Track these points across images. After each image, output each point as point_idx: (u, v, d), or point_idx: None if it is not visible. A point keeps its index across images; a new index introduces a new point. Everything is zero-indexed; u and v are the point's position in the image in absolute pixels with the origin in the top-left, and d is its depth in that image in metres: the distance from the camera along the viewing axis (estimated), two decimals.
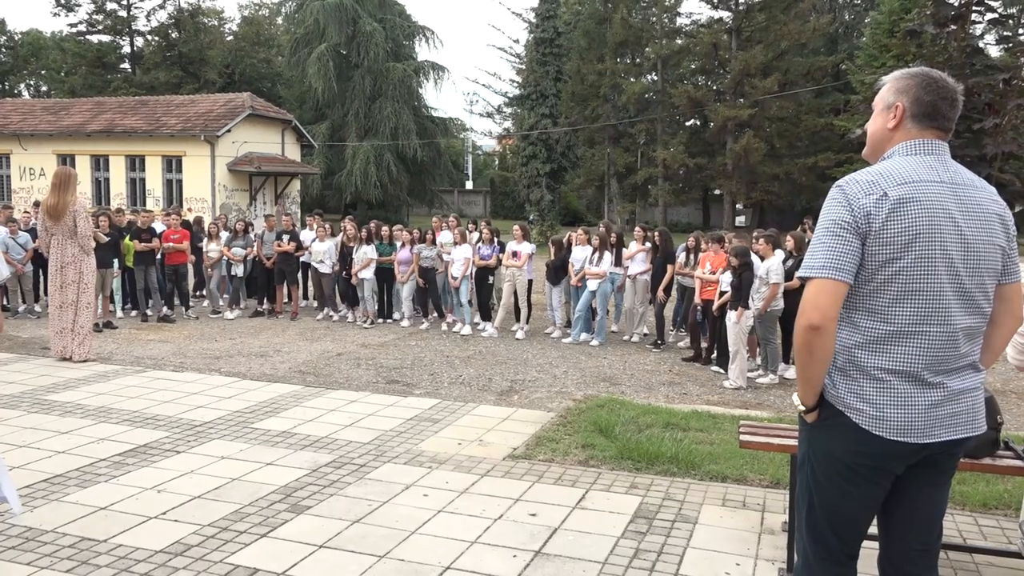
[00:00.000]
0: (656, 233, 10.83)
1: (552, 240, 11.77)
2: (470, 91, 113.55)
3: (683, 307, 10.69)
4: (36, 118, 27.57)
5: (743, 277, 8.21)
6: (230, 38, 48.92)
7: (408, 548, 4.03)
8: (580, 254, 10.77)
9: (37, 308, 12.04)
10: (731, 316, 8.31)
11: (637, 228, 11.20)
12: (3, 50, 54.37)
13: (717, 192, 36.87)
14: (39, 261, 11.58)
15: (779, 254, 8.76)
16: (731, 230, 16.64)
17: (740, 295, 8.22)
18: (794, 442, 4.00)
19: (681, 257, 10.47)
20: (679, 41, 34.43)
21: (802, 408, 2.44)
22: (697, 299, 9.48)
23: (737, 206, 35.12)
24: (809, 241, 3.10)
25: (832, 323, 2.29)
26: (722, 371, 8.83)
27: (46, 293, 10.28)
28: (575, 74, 33.28)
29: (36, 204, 13.17)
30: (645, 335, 11.08)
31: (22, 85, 54.88)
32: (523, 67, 40.81)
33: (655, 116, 34.06)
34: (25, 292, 12.07)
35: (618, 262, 10.72)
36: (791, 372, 8.85)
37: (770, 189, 31.47)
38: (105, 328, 10.69)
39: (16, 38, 54.64)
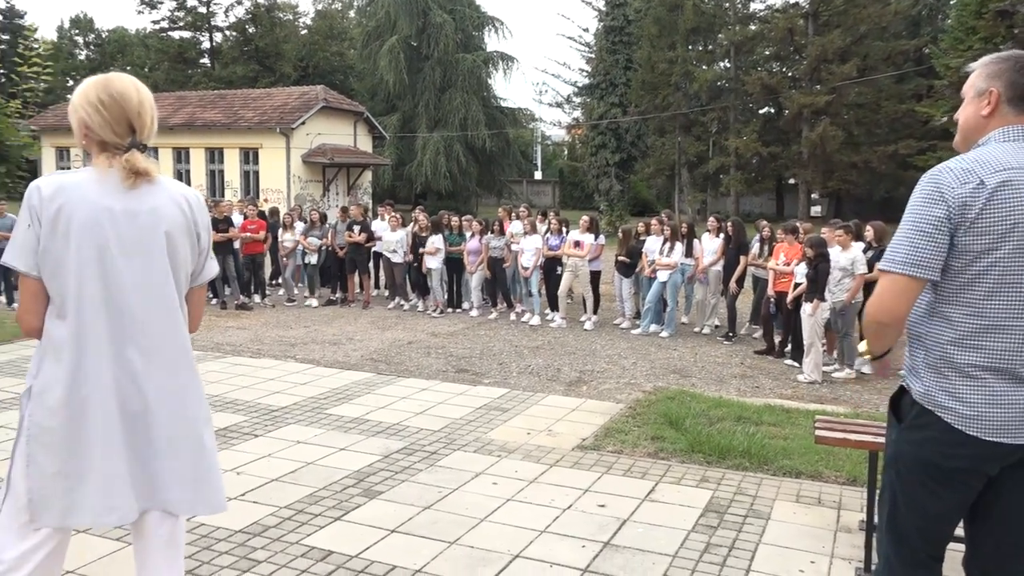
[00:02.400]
0: (729, 223, 10.63)
1: (622, 231, 11.68)
2: (539, 81, 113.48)
3: (756, 299, 10.49)
4: None
5: (819, 268, 8.01)
6: (304, 32, 49.90)
7: (478, 535, 4.08)
8: (653, 245, 10.67)
9: None
10: (806, 308, 8.12)
11: (711, 219, 11.02)
12: (91, 48, 56.72)
13: (792, 181, 35.98)
14: None
15: (860, 245, 8.52)
16: (806, 220, 16.23)
17: (816, 287, 8.02)
18: (872, 438, 3.90)
19: (755, 248, 10.27)
20: (753, 27, 33.62)
21: (868, 355, 2.44)
22: (770, 291, 9.29)
23: (813, 196, 34.21)
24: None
25: (901, 321, 2.26)
26: (796, 364, 8.64)
27: None
28: (645, 62, 32.84)
29: None
30: (716, 327, 10.92)
31: None
32: (592, 56, 40.47)
33: (727, 104, 33.39)
34: None
35: (689, 253, 10.58)
36: (869, 367, 8.60)
37: (847, 178, 30.55)
38: None
39: (103, 36, 56.91)
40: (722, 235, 10.57)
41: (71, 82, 53.27)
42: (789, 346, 9.02)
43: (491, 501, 4.54)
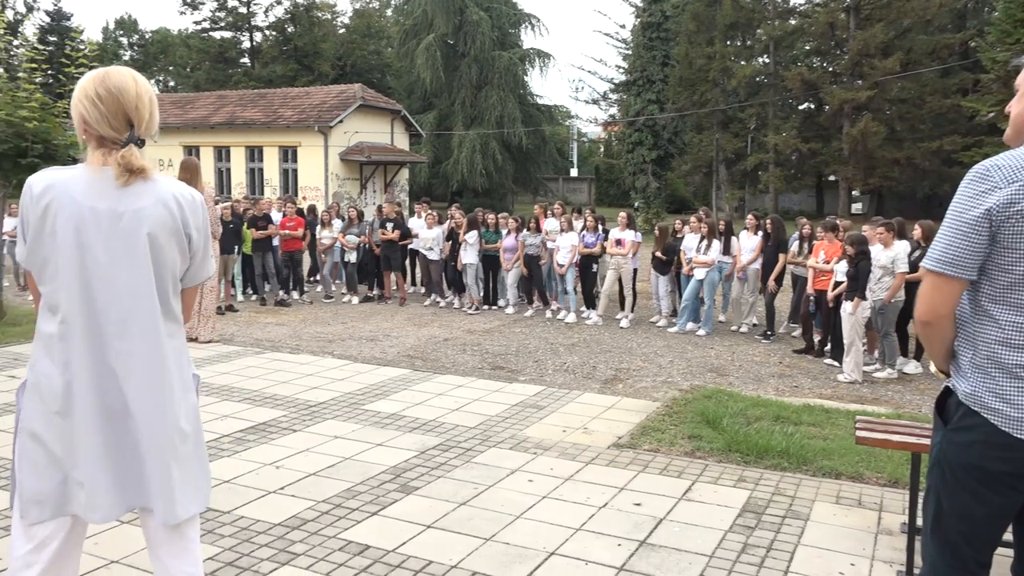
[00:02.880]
0: (768, 220, 10.51)
1: (658, 228, 11.61)
2: (575, 78, 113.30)
3: (795, 297, 10.36)
4: (164, 112, 29.16)
5: (860, 266, 7.88)
6: (342, 31, 50.35)
7: (513, 532, 4.08)
8: (690, 242, 10.59)
9: None
10: (847, 307, 8.00)
11: (749, 216, 10.90)
12: (135, 48, 57.81)
13: (832, 178, 35.45)
14: None
15: (903, 243, 8.37)
16: (846, 218, 15.98)
17: (857, 285, 7.90)
18: (915, 440, 3.84)
19: (794, 246, 10.14)
20: (793, 21, 33.20)
21: (941, 375, 2.39)
22: (810, 289, 9.17)
23: (853, 193, 33.69)
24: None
25: (943, 319, 2.21)
26: (836, 364, 8.51)
27: None
28: (683, 58, 32.60)
29: None
30: (755, 325, 10.80)
31: (152, 81, 58.15)
32: (629, 52, 40.27)
33: (766, 100, 33.00)
34: None
35: (726, 250, 10.49)
36: (910, 367, 8.46)
37: (890, 175, 30.00)
38: (227, 311, 11.25)
39: (147, 36, 57.98)
40: (760, 232, 10.45)
41: None
42: (829, 345, 8.90)
43: (526, 498, 4.54)
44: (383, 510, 4.34)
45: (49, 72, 14.21)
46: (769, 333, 10.12)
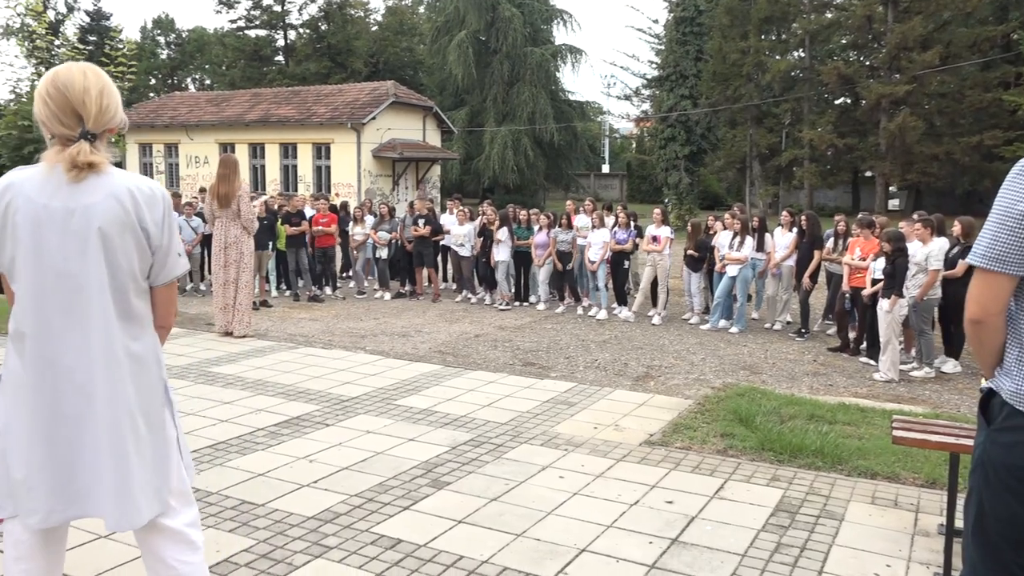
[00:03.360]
0: (803, 217, 10.39)
1: (691, 224, 11.53)
2: (607, 74, 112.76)
3: (829, 294, 10.23)
4: (201, 110, 29.60)
5: (897, 264, 7.76)
6: (375, 28, 50.63)
7: (544, 528, 4.09)
8: (724, 239, 10.50)
9: (202, 286, 12.98)
10: (883, 305, 7.88)
11: (784, 212, 10.78)
12: (172, 47, 58.65)
13: (868, 174, 34.92)
14: (204, 242, 12.47)
15: (941, 240, 8.22)
16: (883, 214, 15.73)
17: (893, 282, 7.78)
18: (953, 440, 3.77)
19: (829, 242, 10.01)
20: (829, 15, 32.69)
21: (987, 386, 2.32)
22: (845, 286, 9.05)
23: (891, 189, 33.12)
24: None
25: (993, 317, 2.13)
26: (872, 362, 8.39)
27: (210, 272, 11.04)
28: (717, 53, 32.28)
29: (202, 190, 14.17)
30: (788, 323, 10.69)
31: (189, 79, 59.02)
32: (662, 48, 39.99)
33: (801, 95, 32.56)
34: (192, 272, 13.04)
35: (760, 247, 10.38)
36: (949, 366, 8.31)
37: (928, 170, 29.44)
38: (261, 306, 11.38)
39: (183, 35, 58.78)
40: (795, 229, 10.33)
41: (153, 80, 55.26)
42: (865, 343, 8.77)
43: (557, 495, 4.54)
44: (415, 505, 4.36)
45: None
46: (803, 331, 10.00)
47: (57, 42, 14.08)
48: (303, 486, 4.61)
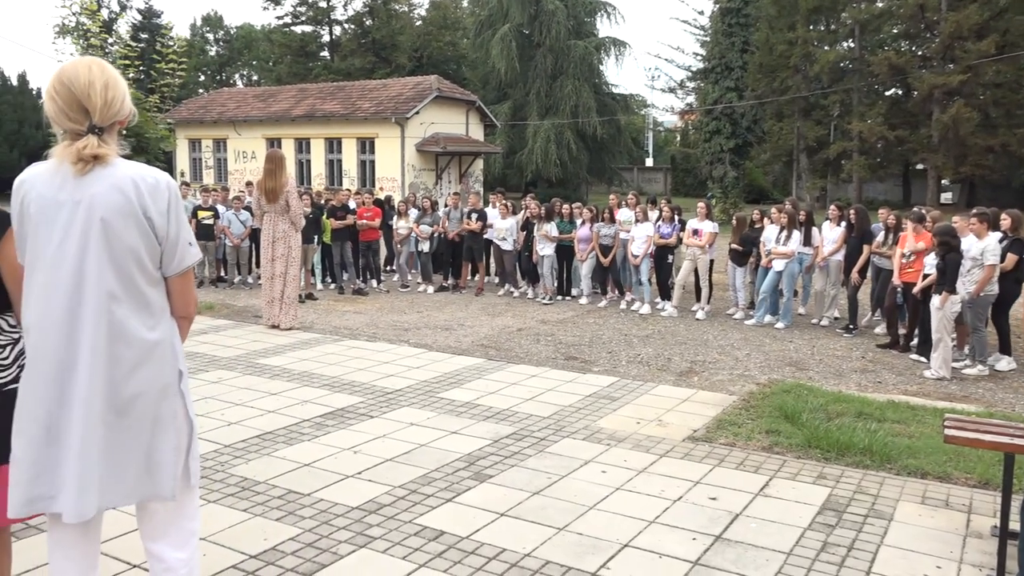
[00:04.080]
0: (851, 210, 10.19)
1: (736, 218, 11.39)
2: (652, 66, 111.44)
3: (878, 289, 10.02)
4: (248, 105, 30.06)
5: (948, 259, 7.57)
6: (419, 23, 50.86)
7: (586, 523, 4.08)
8: (770, 233, 10.35)
9: (250, 279, 13.20)
10: (935, 301, 7.70)
11: (832, 206, 10.59)
12: (221, 44, 59.63)
13: (920, 167, 34.11)
14: (252, 236, 12.68)
15: (996, 235, 8.01)
16: (935, 208, 15.35)
17: (945, 278, 7.59)
18: (1008, 440, 3.68)
19: (879, 237, 9.80)
20: (880, 4, 31.98)
21: None
22: (896, 281, 8.86)
23: (943, 182, 32.37)
24: None
25: None
26: (923, 359, 8.21)
27: (258, 265, 11.23)
28: (763, 44, 31.80)
29: (248, 184, 14.39)
30: (836, 319, 10.50)
31: (237, 75, 59.96)
32: (707, 39, 39.56)
33: (851, 86, 31.92)
34: (241, 265, 13.27)
35: (807, 241, 10.21)
36: (1003, 363, 8.09)
37: (982, 163, 28.68)
38: (307, 299, 11.53)
39: (232, 32, 59.73)
40: (843, 223, 10.14)
41: (202, 77, 56.24)
42: (915, 339, 8.58)
43: (600, 489, 4.54)
44: (457, 497, 4.39)
45: (141, 68, 14.78)
46: (851, 327, 9.82)
47: (110, 40, 14.41)
48: (348, 477, 4.67)
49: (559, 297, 12.22)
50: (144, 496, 2.37)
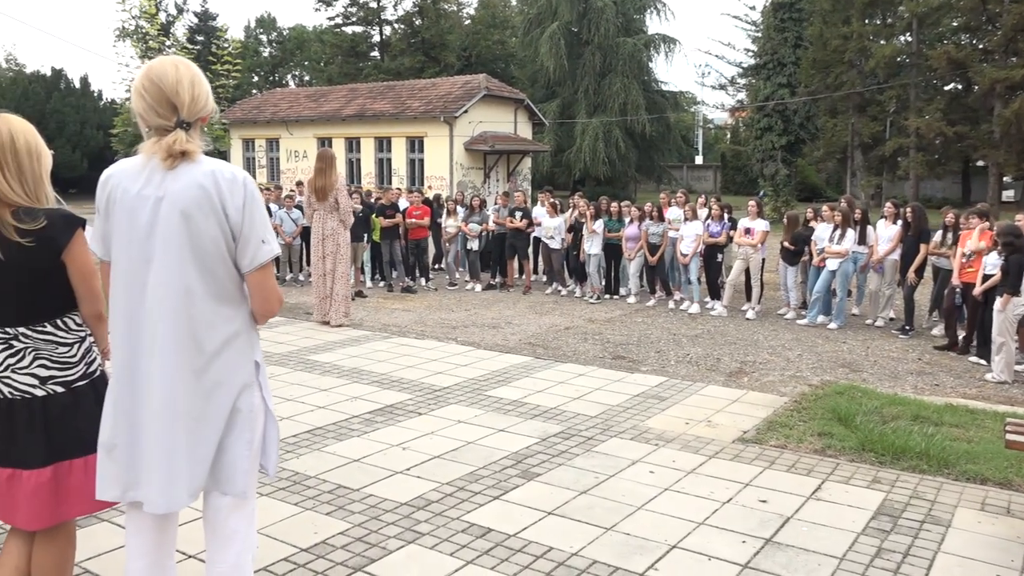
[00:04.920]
0: (908, 209, 9.95)
1: (787, 216, 11.20)
2: (702, 63, 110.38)
3: (936, 289, 9.77)
4: (300, 105, 30.53)
5: (1011, 260, 7.34)
6: (467, 22, 51.05)
7: (633, 523, 4.06)
8: (823, 232, 10.16)
9: (301, 277, 13.41)
10: (997, 303, 7.47)
11: (888, 204, 10.34)
12: (274, 45, 60.63)
13: (980, 164, 33.11)
14: (303, 234, 12.88)
15: None
16: (996, 206, 14.90)
17: (1009, 279, 7.36)
18: None
19: (936, 236, 9.55)
20: None
21: None
22: (955, 281, 8.62)
23: (1005, 179, 31.36)
24: None
25: None
26: (982, 362, 7.98)
27: (309, 263, 11.39)
28: (817, 39, 31.17)
29: (299, 183, 14.61)
30: (891, 319, 10.26)
31: (289, 76, 60.91)
32: (759, 35, 38.95)
33: (908, 81, 31.11)
34: (292, 262, 13.49)
35: (862, 240, 10.00)
36: None
37: None
38: (357, 297, 11.67)
39: (284, 34, 60.70)
40: (899, 222, 9.90)
41: (256, 78, 57.26)
42: (975, 341, 8.34)
43: (648, 489, 4.51)
44: (505, 495, 4.41)
45: None
46: (908, 328, 9.59)
47: (168, 43, 14.76)
48: (396, 473, 4.72)
49: (607, 296, 12.17)
50: (215, 488, 2.41)
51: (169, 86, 2.29)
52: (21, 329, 2.59)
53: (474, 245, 13.20)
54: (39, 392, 2.59)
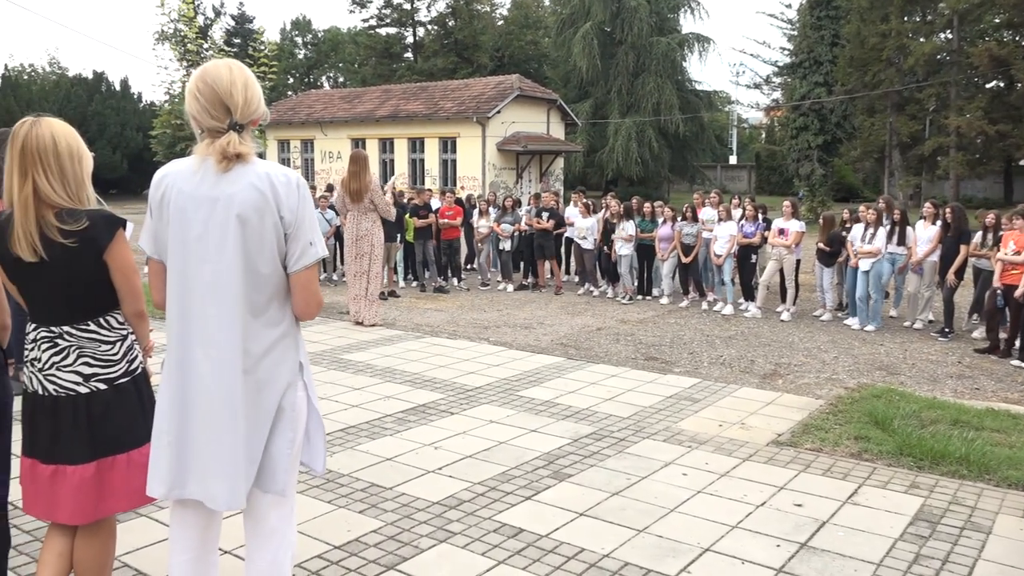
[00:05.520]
0: (947, 209, 9.76)
1: (824, 217, 11.06)
2: (736, 62, 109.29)
3: (976, 291, 9.58)
4: (334, 107, 30.79)
5: None
6: (500, 23, 51.11)
7: (666, 525, 4.04)
8: (858, 232, 10.01)
9: (335, 277, 13.53)
10: None
11: (927, 204, 10.16)
12: (309, 47, 61.22)
13: (1023, 163, 32.40)
14: (337, 235, 12.99)
15: None
16: None
17: None
18: None
19: (977, 236, 9.36)
20: None
21: None
22: (997, 282, 8.44)
23: None
24: None
25: None
26: None
27: (343, 263, 11.48)
28: (854, 37, 30.71)
29: (329, 188, 14.73)
30: (930, 322, 10.08)
31: (323, 78, 61.48)
32: (795, 33, 38.48)
33: (948, 79, 30.53)
34: (326, 262, 13.62)
35: (901, 241, 9.83)
36: None
37: None
38: (390, 296, 11.75)
39: (319, 35, 61.27)
40: (939, 222, 9.73)
41: (291, 79, 57.86)
42: (1017, 345, 8.17)
43: (680, 492, 4.48)
44: (536, 495, 4.41)
45: None
46: (947, 330, 9.41)
47: (205, 45, 15.00)
48: (429, 472, 4.74)
49: (639, 297, 12.11)
50: (256, 486, 2.44)
51: (223, 89, 2.33)
52: (65, 328, 2.65)
53: (506, 245, 13.22)
54: (83, 389, 2.64)
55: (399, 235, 12.39)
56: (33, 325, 2.69)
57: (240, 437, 2.36)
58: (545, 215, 12.70)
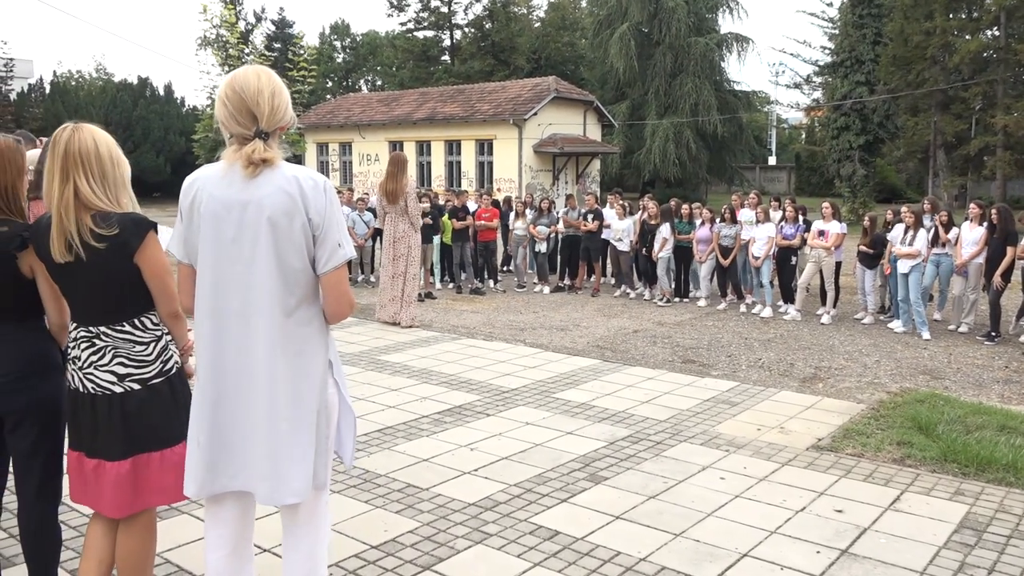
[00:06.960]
0: (994, 210, 9.54)
1: (868, 217, 10.87)
2: (776, 61, 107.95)
3: None
4: (372, 110, 31.06)
5: None
6: (537, 25, 51.11)
7: (703, 530, 4.00)
8: (898, 233, 9.83)
9: (372, 278, 13.64)
10: None
11: (972, 205, 9.94)
12: (347, 51, 61.84)
13: None
14: (375, 236, 13.10)
15: None
16: None
17: None
18: None
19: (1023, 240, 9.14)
20: None
21: None
22: None
23: None
24: None
25: None
26: None
27: (380, 265, 11.57)
28: (898, 35, 30.16)
29: (365, 194, 14.85)
30: (976, 326, 9.86)
31: (362, 81, 62.04)
32: (836, 32, 37.90)
33: (995, 77, 29.83)
34: (364, 264, 13.74)
35: (943, 242, 9.62)
36: None
37: None
38: (426, 298, 11.81)
39: (358, 39, 61.86)
40: (985, 223, 9.51)
41: (330, 83, 58.48)
42: None
43: (718, 496, 4.44)
44: (572, 498, 4.40)
45: None
46: (994, 334, 9.20)
47: (247, 50, 15.22)
48: (465, 473, 4.75)
49: (676, 299, 12.02)
50: (278, 498, 2.50)
51: (250, 96, 2.36)
52: (102, 328, 2.71)
53: (542, 247, 13.21)
54: (117, 389, 2.71)
55: (435, 237, 12.44)
56: (74, 324, 2.77)
57: (275, 435, 2.41)
58: (590, 217, 12.64)
